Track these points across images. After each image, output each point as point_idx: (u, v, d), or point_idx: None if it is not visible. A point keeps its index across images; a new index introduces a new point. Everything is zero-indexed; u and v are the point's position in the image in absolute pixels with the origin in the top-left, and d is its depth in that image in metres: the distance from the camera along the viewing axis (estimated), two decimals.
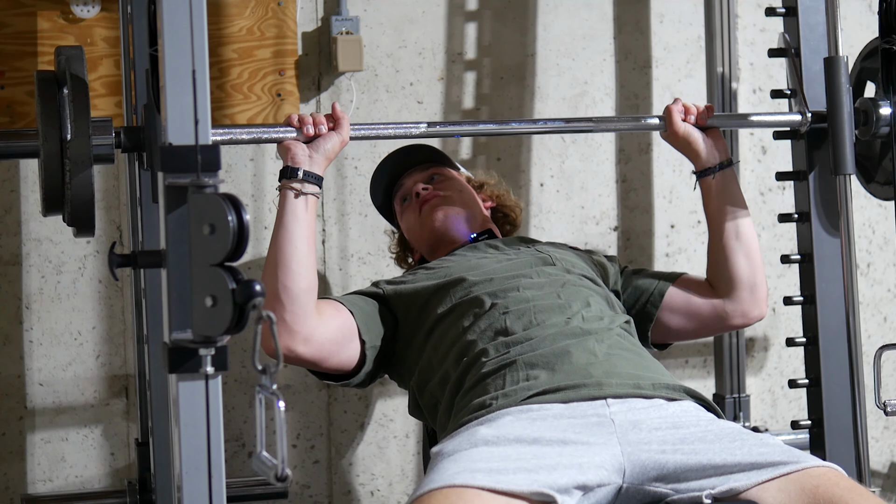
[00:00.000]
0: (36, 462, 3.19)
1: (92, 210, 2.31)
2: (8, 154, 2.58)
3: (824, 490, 2.13)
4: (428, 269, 2.76)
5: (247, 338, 1.90)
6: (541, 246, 2.82)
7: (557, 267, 2.70)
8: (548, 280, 2.62)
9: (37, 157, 2.38)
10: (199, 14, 1.92)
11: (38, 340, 3.18)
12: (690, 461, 2.18)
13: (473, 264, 2.70)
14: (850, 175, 2.91)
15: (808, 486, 2.14)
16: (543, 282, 2.61)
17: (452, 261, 2.75)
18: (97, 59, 3.10)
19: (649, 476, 2.18)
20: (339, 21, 3.25)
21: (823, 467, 2.19)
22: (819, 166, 2.98)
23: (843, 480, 2.17)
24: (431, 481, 2.13)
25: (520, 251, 2.78)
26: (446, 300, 2.62)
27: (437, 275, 2.69)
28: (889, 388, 3.69)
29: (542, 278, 2.63)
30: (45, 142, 2.31)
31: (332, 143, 2.56)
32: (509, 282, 2.60)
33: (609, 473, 2.18)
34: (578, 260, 2.78)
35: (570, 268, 2.72)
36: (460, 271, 2.67)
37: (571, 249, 2.87)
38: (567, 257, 2.76)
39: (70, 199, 2.30)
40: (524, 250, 2.78)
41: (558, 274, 2.67)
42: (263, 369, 1.85)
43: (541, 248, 2.80)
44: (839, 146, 2.88)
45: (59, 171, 2.31)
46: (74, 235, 2.41)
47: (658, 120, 2.86)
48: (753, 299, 2.77)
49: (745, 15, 3.51)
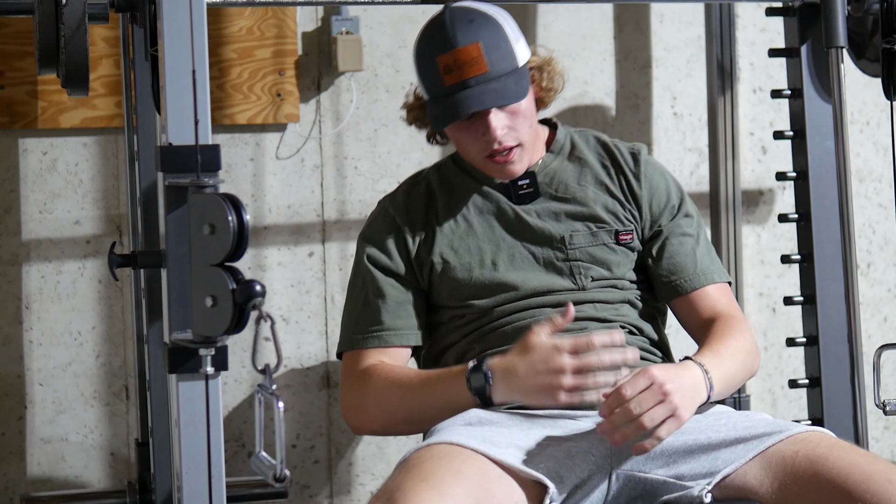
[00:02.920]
0: (36, 462, 3.19)
1: (86, 69, 2.33)
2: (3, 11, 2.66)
3: (804, 454, 2.12)
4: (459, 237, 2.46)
5: (246, 338, 1.89)
6: (565, 220, 2.46)
7: (578, 273, 2.43)
8: (571, 297, 2.41)
9: (31, 14, 2.41)
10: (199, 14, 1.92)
11: (38, 340, 3.18)
12: (677, 442, 2.19)
13: (515, 260, 2.43)
14: (843, 49, 2.90)
15: (788, 453, 2.14)
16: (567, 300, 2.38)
17: (489, 236, 2.45)
18: (97, 59, 3.10)
19: (638, 459, 2.19)
20: (339, 21, 3.25)
21: (805, 433, 2.18)
22: (811, 41, 3.00)
23: (825, 440, 2.15)
24: (426, 442, 2.16)
25: (546, 235, 2.44)
26: (487, 301, 2.42)
27: (481, 270, 2.42)
28: (889, 388, 3.69)
29: (567, 295, 2.41)
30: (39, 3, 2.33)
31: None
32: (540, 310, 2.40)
33: (597, 458, 2.19)
34: (599, 234, 2.44)
35: (586, 261, 2.43)
36: (505, 271, 2.42)
37: (604, 192, 2.48)
38: (583, 240, 2.44)
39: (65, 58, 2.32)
40: (549, 229, 2.44)
41: (578, 288, 2.43)
42: (263, 369, 1.85)
43: (563, 225, 2.45)
44: (831, 18, 2.88)
45: (53, 30, 2.34)
46: (69, 95, 2.43)
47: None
48: None
49: (745, 15, 3.51)
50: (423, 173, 2.57)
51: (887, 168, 3.63)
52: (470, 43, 2.34)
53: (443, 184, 2.52)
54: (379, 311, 2.43)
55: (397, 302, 2.44)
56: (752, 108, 3.54)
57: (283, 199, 3.28)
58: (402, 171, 3.32)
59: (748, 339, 2.38)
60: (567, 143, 2.54)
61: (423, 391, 2.31)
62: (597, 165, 2.51)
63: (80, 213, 3.17)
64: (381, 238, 2.49)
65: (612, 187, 2.49)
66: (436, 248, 2.45)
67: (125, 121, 2.99)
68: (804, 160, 3.05)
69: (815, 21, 2.97)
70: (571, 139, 2.55)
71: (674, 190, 2.51)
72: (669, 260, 2.46)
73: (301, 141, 3.30)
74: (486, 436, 2.17)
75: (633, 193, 2.48)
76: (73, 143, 3.17)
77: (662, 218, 2.48)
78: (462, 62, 2.34)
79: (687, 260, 2.46)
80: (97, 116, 3.14)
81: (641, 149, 2.53)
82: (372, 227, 2.52)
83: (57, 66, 2.37)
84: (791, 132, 3.08)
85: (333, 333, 3.33)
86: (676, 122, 3.51)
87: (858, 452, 2.14)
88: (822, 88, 3.03)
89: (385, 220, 2.50)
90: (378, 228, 2.51)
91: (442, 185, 2.52)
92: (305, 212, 3.30)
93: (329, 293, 3.33)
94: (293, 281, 3.30)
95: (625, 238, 2.46)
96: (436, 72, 2.37)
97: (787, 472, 2.13)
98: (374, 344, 2.41)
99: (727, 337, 2.34)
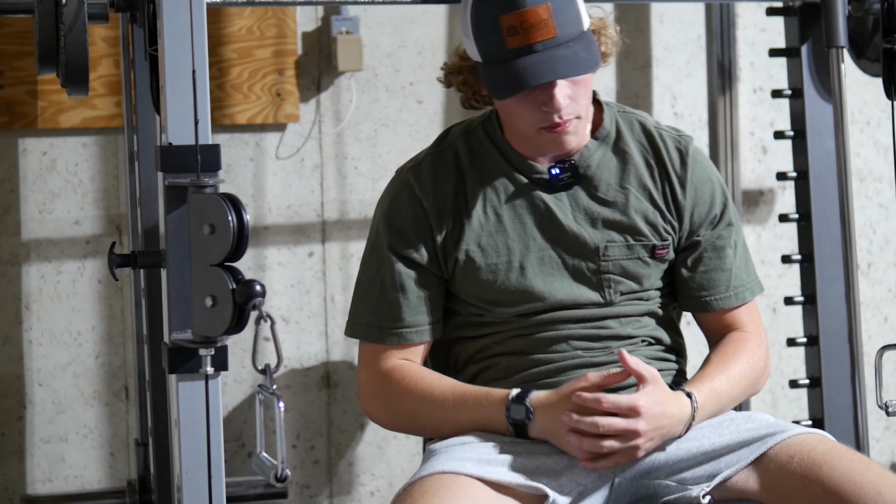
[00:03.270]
0: (35, 462, 3.19)
1: (86, 69, 2.33)
2: (2, 11, 2.66)
3: (800, 458, 2.11)
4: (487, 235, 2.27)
5: (247, 338, 1.89)
6: (601, 228, 2.28)
7: (608, 287, 2.28)
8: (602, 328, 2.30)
9: (31, 13, 2.41)
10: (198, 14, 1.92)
11: (38, 340, 3.17)
12: (681, 451, 2.18)
13: (544, 264, 2.27)
14: (843, 48, 2.89)
15: (784, 456, 2.13)
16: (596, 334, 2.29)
17: (519, 234, 2.27)
18: (97, 59, 3.09)
19: (641, 469, 2.18)
20: (339, 20, 3.25)
21: (803, 435, 2.17)
22: (812, 41, 2.99)
23: (821, 444, 2.14)
24: (420, 471, 2.13)
25: (580, 242, 2.27)
26: (510, 310, 2.27)
27: (507, 274, 2.26)
28: (890, 389, 3.69)
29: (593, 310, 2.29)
30: (39, 3, 2.34)
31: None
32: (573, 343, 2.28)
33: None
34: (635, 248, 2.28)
35: (618, 274, 2.28)
36: (532, 278, 2.25)
37: (646, 198, 2.30)
38: (618, 252, 2.28)
39: (64, 58, 2.32)
40: (584, 236, 2.27)
41: (606, 303, 2.29)
42: (263, 369, 1.85)
43: (599, 233, 2.28)
44: (831, 18, 2.88)
45: (53, 30, 2.33)
46: (69, 94, 2.43)
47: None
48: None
49: (745, 15, 3.51)
50: (450, 139, 2.33)
51: (888, 168, 3.62)
52: (539, 4, 2.13)
53: (473, 159, 2.30)
54: (399, 306, 2.26)
55: (418, 297, 2.27)
56: (752, 108, 3.54)
57: (283, 199, 3.28)
58: None
59: (756, 360, 2.29)
60: (612, 131, 2.31)
61: (456, 410, 2.22)
62: (640, 163, 2.30)
63: (80, 213, 3.17)
64: (405, 223, 2.27)
65: (655, 193, 2.30)
66: (462, 244, 2.26)
67: (125, 121, 2.98)
68: (804, 160, 3.04)
69: (815, 21, 2.97)
70: (617, 126, 2.32)
71: (718, 195, 2.32)
72: (703, 275, 2.31)
73: (301, 141, 3.29)
74: (484, 455, 2.14)
75: (675, 202, 2.30)
76: (73, 143, 3.16)
77: (703, 228, 2.31)
78: (530, 24, 2.13)
79: (721, 276, 2.31)
80: (97, 116, 3.14)
81: (689, 143, 2.32)
82: (394, 205, 2.29)
83: (57, 65, 2.37)
84: (791, 132, 3.08)
85: (333, 333, 3.33)
86: (677, 121, 3.51)
87: (853, 458, 2.12)
88: (822, 88, 3.03)
89: (410, 201, 2.28)
90: (401, 210, 2.28)
91: (472, 161, 2.30)
92: (305, 212, 3.30)
93: (329, 293, 3.32)
94: (293, 281, 3.30)
95: (661, 252, 2.29)
96: (497, 33, 2.15)
97: (782, 475, 2.13)
98: (393, 341, 2.26)
99: (731, 362, 2.27)
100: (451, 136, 2.33)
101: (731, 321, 2.34)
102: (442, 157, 2.31)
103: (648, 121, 2.34)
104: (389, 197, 2.31)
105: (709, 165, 2.34)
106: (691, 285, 2.32)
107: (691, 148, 2.32)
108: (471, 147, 2.31)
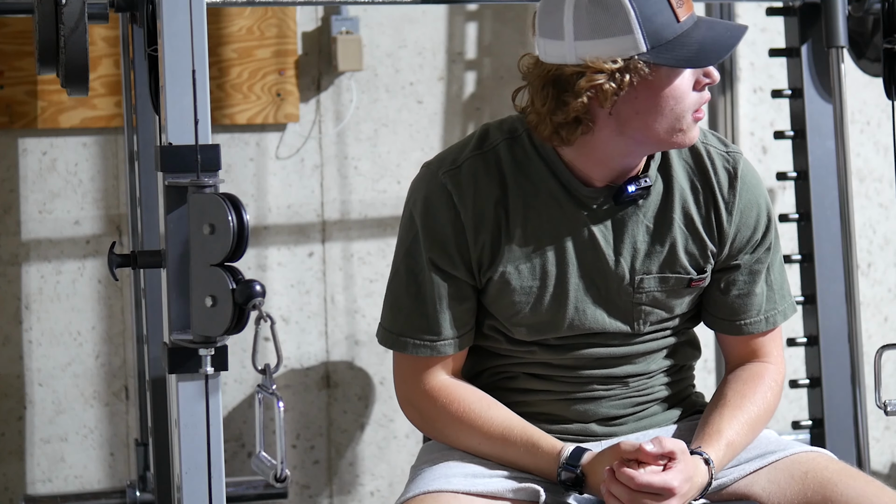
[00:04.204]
0: (35, 462, 3.19)
1: (86, 69, 2.33)
2: (2, 10, 2.66)
3: (814, 474, 2.11)
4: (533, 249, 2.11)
5: (246, 338, 1.89)
6: (642, 261, 2.14)
7: (638, 319, 2.17)
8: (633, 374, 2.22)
9: (31, 13, 2.41)
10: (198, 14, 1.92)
11: (38, 340, 3.17)
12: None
13: (578, 293, 2.14)
14: (843, 48, 2.89)
15: (797, 472, 2.13)
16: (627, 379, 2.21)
17: (558, 260, 2.12)
18: (97, 59, 3.09)
19: None
20: (339, 20, 3.25)
21: (812, 452, 2.18)
22: (812, 41, 2.99)
23: (832, 464, 2.14)
24: (406, 492, 2.11)
25: (619, 275, 2.14)
26: (537, 337, 2.15)
27: (539, 302, 2.12)
28: (890, 389, 3.68)
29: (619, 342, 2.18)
30: (39, 3, 2.34)
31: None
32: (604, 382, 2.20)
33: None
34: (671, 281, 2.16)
35: (650, 305, 2.17)
36: (563, 306, 2.12)
37: (690, 230, 2.15)
38: (654, 285, 2.15)
39: (64, 58, 2.32)
40: (623, 270, 2.14)
41: (633, 333, 2.18)
42: (263, 369, 1.85)
43: (640, 267, 2.14)
44: (831, 18, 2.88)
45: (53, 30, 2.33)
46: (69, 94, 2.43)
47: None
48: None
49: (746, 15, 3.51)
50: (492, 141, 2.12)
51: (888, 168, 3.62)
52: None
53: (517, 170, 2.11)
54: (436, 319, 2.11)
55: (455, 309, 2.12)
56: (752, 108, 3.54)
57: (283, 198, 3.28)
58: (402, 171, 3.32)
59: (771, 397, 2.21)
60: (661, 155, 2.15)
61: (503, 450, 2.12)
62: (686, 186, 2.14)
63: (80, 213, 3.17)
64: (444, 235, 2.09)
65: (698, 222, 2.14)
66: (498, 265, 2.10)
67: (125, 120, 2.98)
68: (804, 160, 3.04)
69: (815, 21, 2.97)
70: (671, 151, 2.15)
71: (763, 219, 2.18)
72: (736, 299, 2.18)
73: (301, 141, 3.29)
74: (470, 469, 2.12)
75: (720, 229, 2.15)
76: (73, 143, 3.16)
77: (742, 253, 2.17)
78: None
79: (753, 301, 2.18)
80: (97, 116, 3.14)
81: (738, 161, 2.15)
82: (431, 211, 2.10)
83: (56, 65, 2.37)
84: (791, 132, 3.08)
85: (333, 333, 3.33)
86: None
87: (866, 480, 2.12)
88: (822, 88, 3.03)
89: (447, 211, 2.09)
90: (439, 218, 2.09)
91: (516, 172, 2.11)
92: (305, 212, 3.30)
93: (329, 293, 3.32)
94: (293, 281, 3.30)
95: (697, 283, 2.16)
96: (665, 11, 1.98)
97: (795, 490, 2.11)
98: (427, 353, 2.12)
99: (748, 404, 2.17)
100: (493, 137, 2.13)
101: (755, 348, 2.23)
102: (484, 161, 2.11)
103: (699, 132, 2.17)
104: (423, 195, 2.11)
105: (757, 185, 2.19)
106: (722, 308, 2.20)
107: (740, 168, 2.15)
108: (514, 155, 2.12)
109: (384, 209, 3.32)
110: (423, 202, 2.10)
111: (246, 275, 1.86)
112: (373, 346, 3.34)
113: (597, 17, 1.98)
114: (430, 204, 2.10)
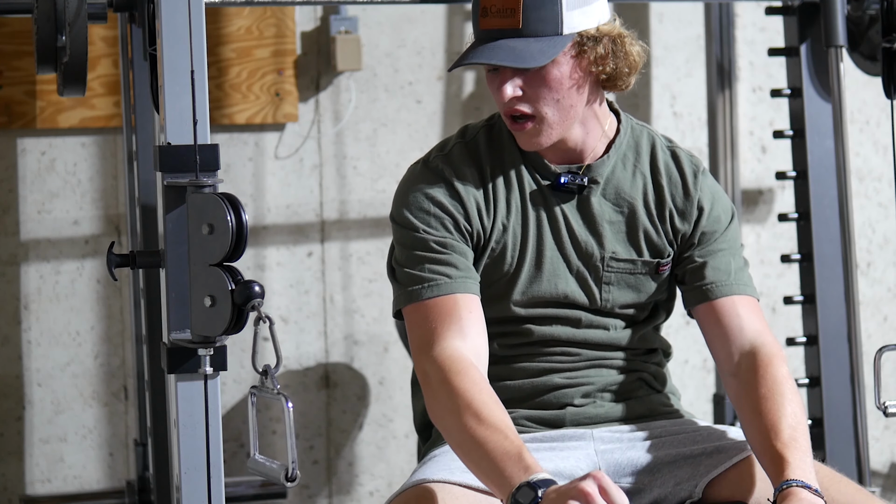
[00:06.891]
0: (35, 462, 3.19)
1: (84, 68, 2.33)
2: (2, 10, 2.67)
3: None
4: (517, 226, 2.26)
5: (246, 338, 1.89)
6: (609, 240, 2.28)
7: (606, 294, 2.29)
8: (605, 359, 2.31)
9: (30, 13, 2.42)
10: (197, 13, 1.92)
11: (37, 341, 3.17)
12: (660, 453, 2.21)
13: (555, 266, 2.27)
14: (842, 48, 2.90)
15: None
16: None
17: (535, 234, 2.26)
18: (96, 59, 3.09)
19: (624, 472, 2.21)
20: (338, 20, 3.25)
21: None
22: (811, 40, 2.99)
23: (822, 469, 2.16)
24: (409, 480, 2.14)
25: (588, 252, 2.28)
26: (517, 310, 2.26)
27: (517, 274, 2.25)
28: (889, 389, 3.69)
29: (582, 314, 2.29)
30: (39, 3, 2.34)
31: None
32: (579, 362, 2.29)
33: (584, 472, 2.18)
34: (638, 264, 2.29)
35: (615, 285, 2.29)
36: (543, 280, 2.25)
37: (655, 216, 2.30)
38: (622, 267, 2.29)
39: (63, 58, 2.32)
40: (592, 246, 2.28)
41: (596, 309, 2.29)
42: (264, 370, 1.85)
43: (608, 244, 2.28)
44: (830, 17, 2.89)
45: (52, 30, 2.34)
46: (65, 94, 2.43)
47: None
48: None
49: (745, 14, 3.51)
50: (471, 131, 2.32)
51: (887, 167, 3.62)
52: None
53: (492, 151, 2.28)
54: (452, 261, 2.19)
55: (463, 253, 2.22)
56: (751, 108, 3.54)
57: (282, 198, 3.28)
58: (402, 171, 3.28)
59: (793, 383, 2.27)
60: (627, 144, 2.30)
61: (487, 435, 2.05)
62: (650, 179, 2.30)
63: (79, 213, 3.16)
64: (439, 204, 2.23)
65: (663, 209, 2.29)
66: (491, 234, 2.24)
67: (124, 120, 2.98)
68: (804, 159, 3.04)
69: (814, 20, 2.97)
70: (632, 140, 2.31)
71: (725, 215, 2.31)
72: (702, 269, 2.27)
73: (300, 140, 3.29)
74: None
75: (683, 218, 2.29)
76: (72, 143, 3.16)
77: (705, 242, 2.30)
78: (497, 9, 2.15)
79: (720, 269, 2.28)
80: (96, 116, 3.14)
81: (699, 163, 2.32)
82: (424, 191, 2.24)
83: (56, 65, 2.37)
84: (791, 131, 3.08)
85: (332, 333, 3.33)
86: (676, 121, 3.51)
87: (856, 488, 2.15)
88: (821, 87, 3.03)
89: (444, 187, 2.24)
90: (432, 194, 2.24)
91: (491, 153, 2.28)
92: (304, 212, 3.30)
93: (328, 293, 3.32)
94: (292, 281, 3.30)
95: (663, 269, 2.29)
96: (476, 11, 2.19)
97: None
98: (458, 289, 2.17)
99: (795, 411, 2.18)
100: (472, 129, 2.31)
101: (737, 320, 2.26)
102: (467, 148, 2.28)
103: (658, 141, 2.33)
104: (416, 185, 2.25)
105: (719, 188, 2.34)
106: (689, 279, 2.28)
107: (702, 168, 2.32)
108: (491, 139, 2.29)
109: (383, 209, 3.32)
110: (416, 188, 2.25)
111: (245, 274, 1.86)
112: (372, 347, 3.34)
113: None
114: (423, 186, 2.24)
